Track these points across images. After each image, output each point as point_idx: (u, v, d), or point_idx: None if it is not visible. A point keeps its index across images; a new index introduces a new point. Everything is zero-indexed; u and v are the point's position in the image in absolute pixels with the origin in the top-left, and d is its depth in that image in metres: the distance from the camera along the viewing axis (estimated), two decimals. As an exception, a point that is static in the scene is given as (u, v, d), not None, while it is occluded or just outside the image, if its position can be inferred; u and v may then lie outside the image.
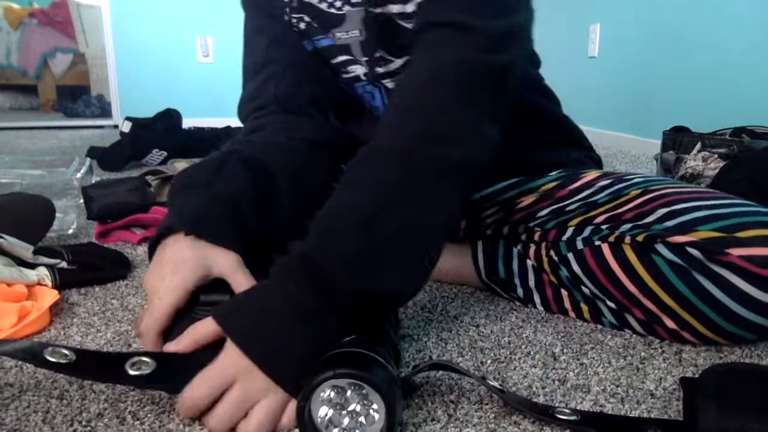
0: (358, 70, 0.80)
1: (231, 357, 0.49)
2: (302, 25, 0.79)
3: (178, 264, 0.55)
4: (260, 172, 0.67)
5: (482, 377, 0.53)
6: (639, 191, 0.71)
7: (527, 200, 0.79)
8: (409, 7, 0.72)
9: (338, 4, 0.75)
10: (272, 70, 0.80)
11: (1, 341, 0.50)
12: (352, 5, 0.75)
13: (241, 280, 0.56)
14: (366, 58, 0.78)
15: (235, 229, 0.60)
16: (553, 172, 0.81)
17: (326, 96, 0.83)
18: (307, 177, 0.74)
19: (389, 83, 0.80)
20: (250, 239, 0.60)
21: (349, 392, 0.47)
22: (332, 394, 0.47)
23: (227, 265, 0.57)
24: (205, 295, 0.56)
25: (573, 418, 0.50)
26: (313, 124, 0.80)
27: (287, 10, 0.78)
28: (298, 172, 0.71)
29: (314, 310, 0.50)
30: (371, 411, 0.47)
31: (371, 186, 0.56)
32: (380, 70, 0.79)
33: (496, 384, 0.53)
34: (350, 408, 0.47)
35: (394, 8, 0.72)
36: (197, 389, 0.49)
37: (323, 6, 0.76)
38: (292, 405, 0.50)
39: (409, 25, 0.73)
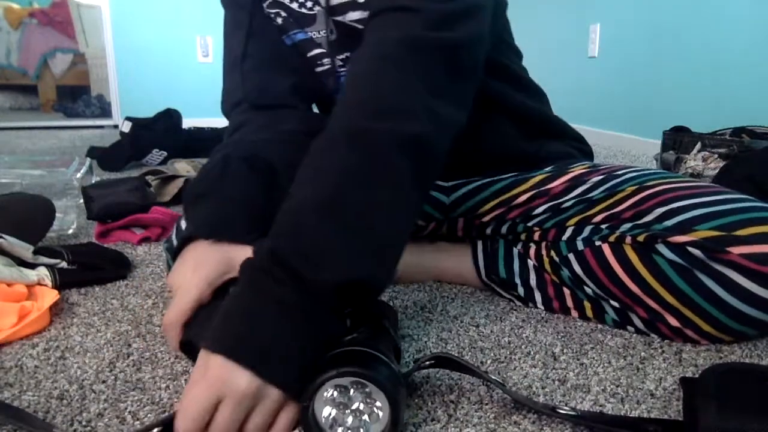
0: (332, 63, 0.80)
1: (212, 368, 0.46)
2: (279, 20, 0.80)
3: (200, 262, 0.58)
4: (263, 170, 0.68)
5: (485, 371, 0.53)
6: (634, 188, 0.71)
7: (522, 196, 0.79)
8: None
9: (309, 4, 0.76)
10: (251, 63, 0.80)
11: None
12: (322, 6, 0.76)
13: None
14: (338, 57, 0.80)
15: (251, 229, 0.61)
16: (546, 169, 0.81)
17: (306, 88, 0.83)
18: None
19: None
20: (258, 225, 0.62)
21: (352, 391, 0.47)
22: (335, 393, 0.47)
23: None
24: (235, 287, 0.55)
25: (573, 414, 0.50)
26: (296, 115, 0.80)
27: (264, 5, 0.79)
28: (295, 164, 0.71)
29: (297, 305, 0.48)
30: (375, 409, 0.47)
31: (326, 175, 0.54)
32: None
33: (498, 378, 0.53)
34: (354, 407, 0.47)
35: (354, 15, 0.74)
36: (186, 420, 0.45)
37: (294, 6, 0.77)
38: (289, 408, 0.48)
39: None
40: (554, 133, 0.88)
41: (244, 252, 0.56)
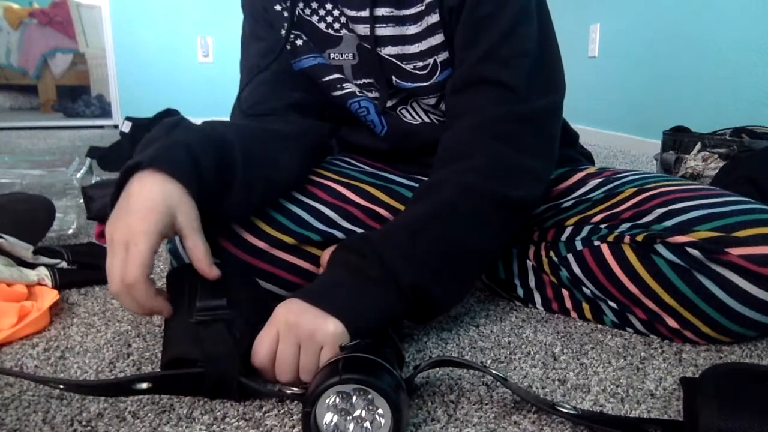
0: (353, 87, 0.80)
1: (290, 307, 0.55)
2: (299, 42, 0.79)
3: (146, 211, 0.54)
4: (214, 136, 0.64)
5: (485, 366, 0.53)
6: (634, 189, 0.71)
7: None
8: (412, 48, 0.73)
9: (336, 26, 0.77)
10: (262, 76, 0.80)
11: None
12: (350, 30, 0.76)
13: (196, 242, 0.57)
14: (357, 81, 0.80)
15: (191, 166, 0.58)
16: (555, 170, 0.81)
17: (311, 104, 0.83)
18: (263, 153, 0.70)
19: (387, 103, 0.81)
20: (205, 190, 0.59)
21: (354, 398, 0.47)
22: (337, 399, 0.47)
23: (189, 220, 0.56)
24: (201, 301, 0.56)
25: (573, 412, 0.50)
26: (284, 120, 0.79)
27: (285, 25, 0.78)
28: (252, 146, 0.69)
29: (377, 279, 0.58)
30: (377, 416, 0.47)
31: (430, 204, 0.64)
32: (369, 95, 0.80)
33: (499, 373, 0.53)
34: (356, 414, 0.47)
35: (393, 50, 0.74)
36: (260, 346, 0.55)
37: (322, 26, 0.77)
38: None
39: (408, 67, 0.75)
40: (569, 141, 0.89)
41: (186, 206, 0.56)
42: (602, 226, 0.71)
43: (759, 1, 1.96)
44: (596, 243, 0.70)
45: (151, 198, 0.55)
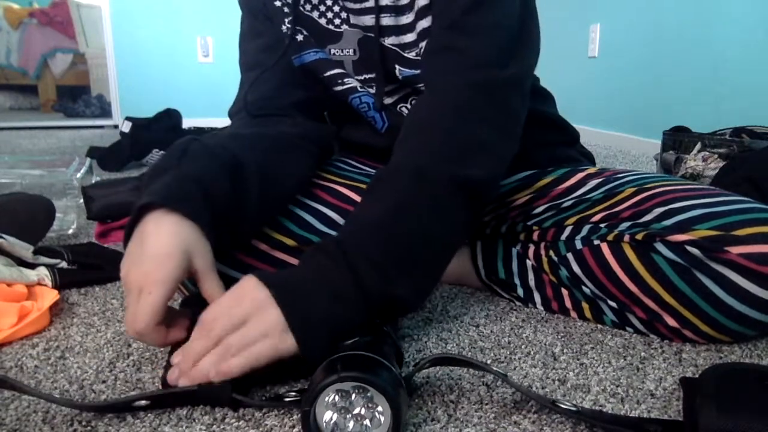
0: (354, 82, 0.80)
1: (249, 286, 0.54)
2: (300, 37, 0.79)
3: (163, 258, 0.53)
4: (225, 158, 0.64)
5: (485, 363, 0.53)
6: (633, 189, 0.72)
7: (523, 198, 0.80)
8: (408, 37, 0.74)
9: (337, 21, 0.77)
10: (260, 73, 0.80)
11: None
12: (351, 25, 0.76)
13: (212, 284, 0.57)
14: (357, 77, 0.80)
15: (206, 206, 0.58)
16: (549, 169, 0.82)
17: (314, 101, 0.83)
18: (276, 166, 0.70)
19: (387, 100, 0.81)
20: (219, 219, 0.59)
21: (353, 396, 0.47)
22: (336, 398, 0.47)
23: (205, 263, 0.56)
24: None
25: (574, 409, 0.50)
26: (289, 121, 0.79)
27: (285, 21, 0.78)
28: (265, 160, 0.68)
29: (343, 286, 0.55)
30: (376, 413, 0.47)
31: (389, 198, 0.61)
32: (371, 90, 0.80)
33: (499, 370, 0.53)
34: (355, 411, 0.47)
35: (395, 40, 0.75)
36: (214, 308, 0.54)
37: (322, 21, 0.77)
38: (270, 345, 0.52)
39: (410, 55, 0.75)
40: (564, 138, 0.89)
41: (202, 251, 0.56)
42: (602, 225, 0.71)
43: (759, 1, 1.96)
44: (596, 242, 0.70)
45: (168, 243, 0.53)
